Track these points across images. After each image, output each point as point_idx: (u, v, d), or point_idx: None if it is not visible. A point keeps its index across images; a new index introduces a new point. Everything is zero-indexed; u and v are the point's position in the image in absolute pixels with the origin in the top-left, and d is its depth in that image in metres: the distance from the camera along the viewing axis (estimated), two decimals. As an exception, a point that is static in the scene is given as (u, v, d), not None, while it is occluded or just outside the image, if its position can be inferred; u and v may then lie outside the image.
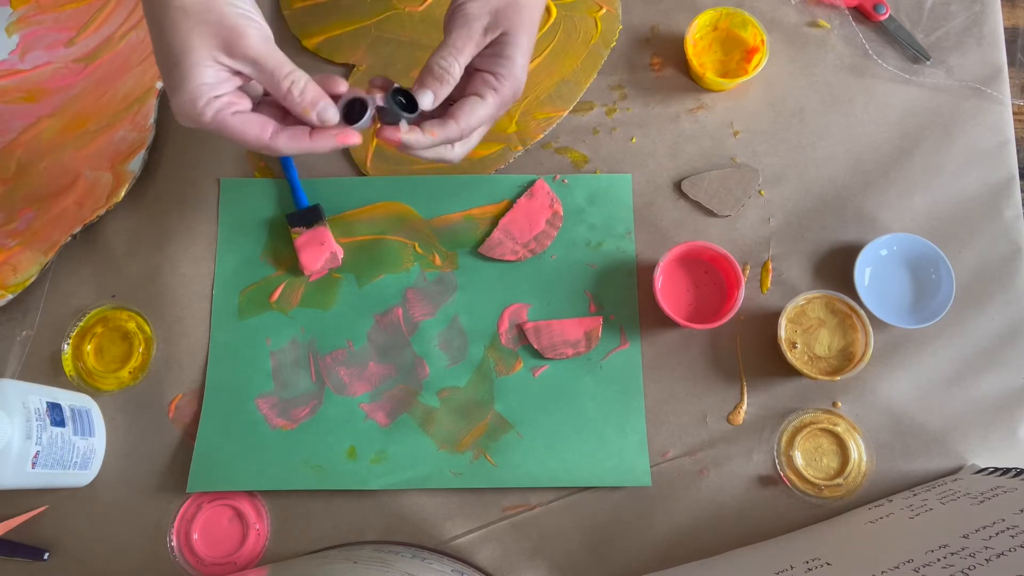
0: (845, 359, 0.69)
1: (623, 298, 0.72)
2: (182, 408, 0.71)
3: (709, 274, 0.72)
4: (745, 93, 0.77)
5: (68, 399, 0.67)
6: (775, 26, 0.77)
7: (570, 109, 0.76)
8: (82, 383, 0.71)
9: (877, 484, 0.68)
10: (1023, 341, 0.71)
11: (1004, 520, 0.54)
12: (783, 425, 0.69)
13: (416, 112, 0.59)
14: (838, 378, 0.67)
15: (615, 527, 0.68)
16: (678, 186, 0.75)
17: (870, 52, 0.77)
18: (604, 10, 0.78)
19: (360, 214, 0.75)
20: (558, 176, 0.75)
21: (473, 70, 0.62)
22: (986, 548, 0.51)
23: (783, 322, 0.69)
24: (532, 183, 0.75)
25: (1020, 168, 0.76)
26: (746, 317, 0.72)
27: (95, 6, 0.79)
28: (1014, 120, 0.76)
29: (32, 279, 0.71)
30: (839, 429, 0.69)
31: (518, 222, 0.74)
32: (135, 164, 0.74)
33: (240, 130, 0.56)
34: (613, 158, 0.76)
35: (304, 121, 0.58)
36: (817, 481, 0.68)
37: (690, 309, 0.71)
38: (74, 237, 0.72)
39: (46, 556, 0.68)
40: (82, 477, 0.68)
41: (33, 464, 0.62)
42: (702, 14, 0.74)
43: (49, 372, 0.72)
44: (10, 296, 0.71)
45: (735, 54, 0.76)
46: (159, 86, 0.75)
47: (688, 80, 0.77)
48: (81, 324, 0.72)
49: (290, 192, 0.75)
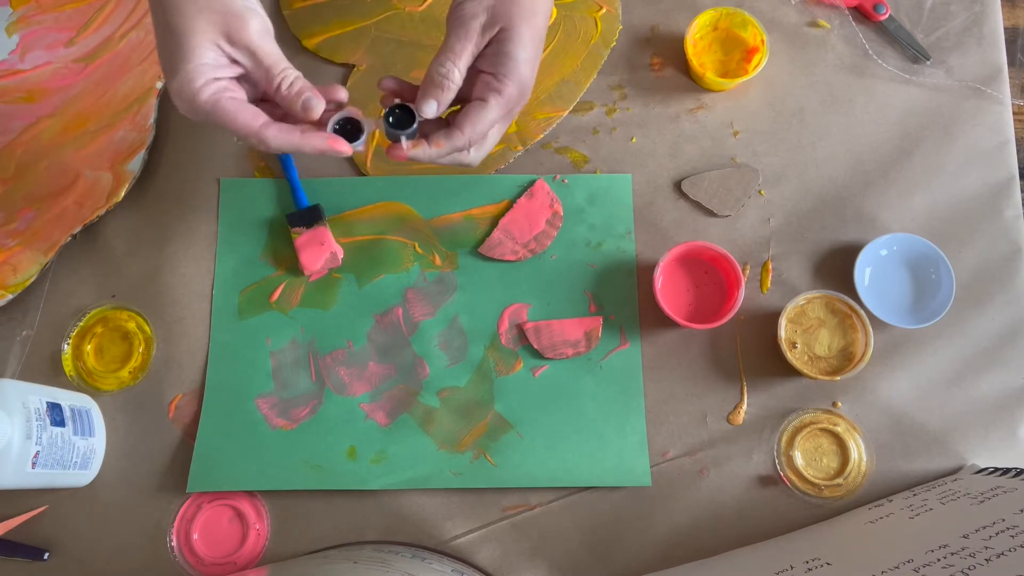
0: (845, 359, 0.69)
1: (623, 298, 0.72)
2: (182, 408, 0.71)
3: (709, 274, 0.72)
4: (745, 93, 0.77)
5: (68, 399, 0.67)
6: (775, 26, 0.77)
7: (570, 109, 0.76)
8: (82, 383, 0.71)
9: (877, 484, 0.68)
10: (1023, 341, 0.71)
11: (1004, 520, 0.54)
12: (783, 425, 0.69)
13: (414, 126, 0.59)
14: (838, 378, 0.67)
15: (615, 527, 0.68)
16: (678, 186, 0.75)
17: (870, 52, 0.77)
18: (604, 10, 0.78)
19: (360, 214, 0.75)
20: (558, 176, 0.75)
21: (477, 71, 0.61)
22: (986, 548, 0.51)
23: (783, 322, 0.69)
24: (532, 183, 0.75)
25: (1020, 168, 0.76)
26: (746, 317, 0.72)
27: (95, 6, 0.79)
28: (1014, 120, 0.76)
29: (32, 279, 0.71)
30: (839, 429, 0.69)
31: (518, 222, 0.74)
32: (135, 164, 0.74)
33: (232, 115, 0.56)
34: (613, 158, 0.76)
35: (292, 114, 0.58)
36: (817, 481, 0.68)
37: (690, 309, 0.71)
38: (74, 237, 0.72)
39: (46, 556, 0.68)
40: (82, 477, 0.68)
41: (33, 464, 0.62)
42: (702, 14, 0.74)
43: (49, 372, 0.72)
44: (10, 296, 0.71)
45: (735, 54, 0.76)
46: (159, 86, 0.75)
47: (688, 80, 0.77)
48: (81, 324, 0.72)
49: (290, 192, 0.75)
